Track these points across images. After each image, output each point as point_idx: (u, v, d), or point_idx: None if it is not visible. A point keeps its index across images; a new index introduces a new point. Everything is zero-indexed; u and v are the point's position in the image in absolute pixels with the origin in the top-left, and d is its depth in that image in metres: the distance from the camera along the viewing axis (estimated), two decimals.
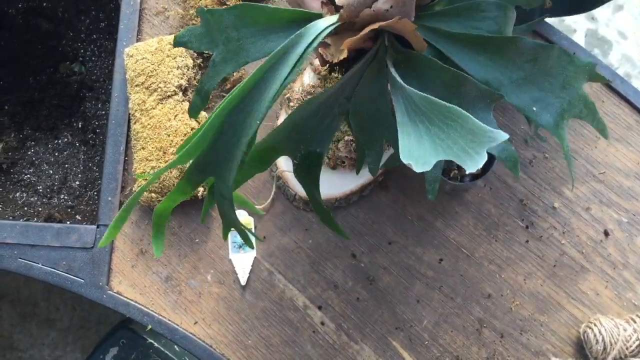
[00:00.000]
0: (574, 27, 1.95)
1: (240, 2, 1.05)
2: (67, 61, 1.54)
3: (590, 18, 1.97)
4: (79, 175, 1.46)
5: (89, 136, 1.51)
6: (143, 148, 1.08)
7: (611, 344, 0.99)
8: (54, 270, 1.11)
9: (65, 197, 1.43)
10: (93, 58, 1.55)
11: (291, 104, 1.11)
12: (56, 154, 1.49)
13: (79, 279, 1.11)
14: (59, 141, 1.51)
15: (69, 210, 1.37)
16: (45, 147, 1.50)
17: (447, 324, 1.07)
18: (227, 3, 1.13)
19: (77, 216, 1.34)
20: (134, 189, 1.09)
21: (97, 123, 1.52)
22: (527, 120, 0.80)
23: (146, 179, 1.06)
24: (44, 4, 1.53)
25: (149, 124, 1.08)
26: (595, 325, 1.01)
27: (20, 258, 1.12)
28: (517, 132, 1.13)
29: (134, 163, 1.10)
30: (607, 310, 1.06)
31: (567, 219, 1.09)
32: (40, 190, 1.44)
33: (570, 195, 1.09)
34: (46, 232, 1.12)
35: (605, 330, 1.00)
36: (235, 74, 1.15)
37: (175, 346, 1.38)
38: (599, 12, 1.97)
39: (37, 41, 1.53)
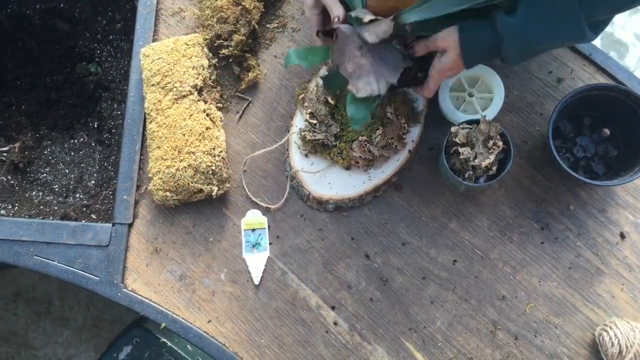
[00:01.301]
0: None
1: None
2: (83, 62, 1.56)
3: None
4: (95, 175, 1.47)
5: (105, 136, 1.52)
6: (158, 147, 1.09)
7: (627, 347, 0.98)
8: (69, 267, 1.12)
9: (81, 196, 1.44)
10: (109, 59, 1.57)
11: (305, 104, 1.11)
12: (72, 153, 1.50)
13: (94, 277, 1.11)
14: (75, 141, 1.52)
15: (84, 209, 1.38)
16: (62, 146, 1.51)
17: (461, 326, 1.06)
18: (242, 3, 1.13)
19: (92, 215, 1.35)
20: (149, 187, 1.10)
21: (112, 123, 1.53)
22: None
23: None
24: (62, 5, 1.54)
25: (164, 124, 1.09)
26: (610, 328, 1.00)
27: (36, 255, 1.13)
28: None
29: (149, 162, 1.10)
30: (623, 313, 1.05)
31: (583, 220, 1.08)
32: (56, 189, 1.45)
33: (586, 197, 1.08)
34: (62, 230, 1.13)
35: (621, 333, 0.99)
36: (250, 74, 1.16)
37: (188, 345, 1.39)
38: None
39: (55, 42, 1.55)
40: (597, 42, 1.92)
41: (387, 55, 0.97)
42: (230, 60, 1.18)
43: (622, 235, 1.07)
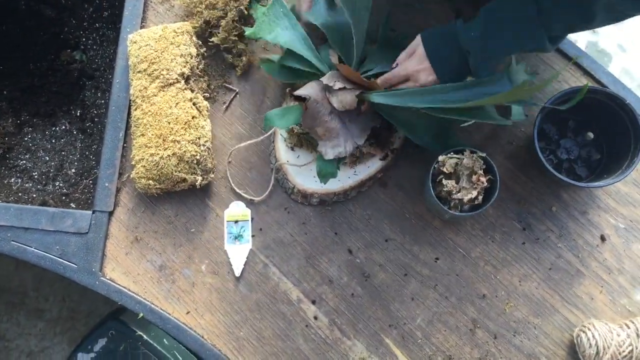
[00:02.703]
0: (575, 37, 1.96)
1: None
2: (68, 49, 1.53)
3: (591, 31, 1.99)
4: (75, 163, 1.45)
5: (87, 124, 1.50)
6: (143, 135, 1.07)
7: (604, 349, 0.98)
8: (47, 254, 1.10)
9: (61, 185, 1.42)
10: (95, 47, 1.55)
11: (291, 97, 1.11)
12: (53, 140, 1.48)
13: (72, 264, 1.10)
14: (57, 128, 1.50)
15: (64, 197, 1.36)
16: (43, 133, 1.49)
17: (441, 323, 1.06)
18: None
19: (71, 204, 1.33)
20: (131, 175, 1.09)
21: (95, 112, 1.51)
22: None
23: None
24: None
25: (149, 111, 1.08)
26: (588, 329, 1.01)
27: (13, 241, 1.11)
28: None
29: (132, 149, 1.09)
30: (601, 315, 1.06)
31: (564, 222, 1.09)
32: (36, 177, 1.43)
33: (568, 199, 1.09)
34: (41, 216, 1.11)
35: (599, 334, 1.00)
36: (243, 58, 1.15)
37: (165, 339, 1.37)
38: None
39: (40, 28, 1.53)
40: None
41: (355, 118, 1.03)
42: (221, 49, 1.16)
43: (603, 238, 1.08)
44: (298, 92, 1.00)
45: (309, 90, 1.00)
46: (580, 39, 1.97)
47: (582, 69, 1.13)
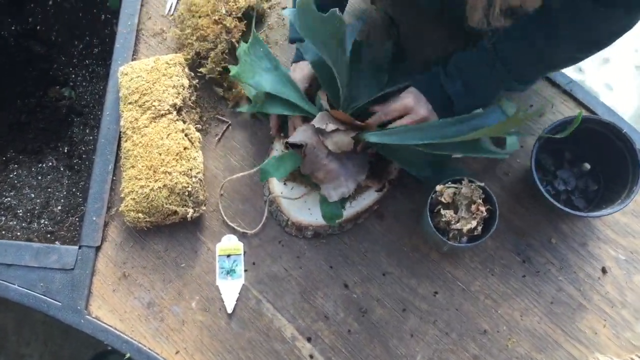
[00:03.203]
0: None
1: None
2: (57, 85, 1.52)
3: (577, 69, 2.01)
4: (62, 200, 1.42)
5: (75, 161, 1.47)
6: (133, 166, 1.05)
7: None
8: (30, 292, 1.05)
9: (46, 222, 1.38)
10: (84, 83, 1.54)
11: (282, 133, 1.10)
12: (39, 177, 1.45)
13: (56, 302, 1.05)
14: (44, 165, 1.47)
15: (49, 235, 1.32)
16: (29, 170, 1.46)
17: None
18: (223, 22, 1.12)
19: (56, 242, 1.29)
20: (120, 208, 1.05)
21: (83, 148, 1.49)
22: None
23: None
24: (38, 27, 1.52)
25: (140, 142, 1.05)
26: None
27: None
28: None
29: (122, 182, 1.06)
30: (605, 349, 1.02)
31: (564, 254, 1.06)
32: (20, 214, 1.39)
33: (567, 230, 1.07)
34: (25, 252, 1.07)
35: None
36: (233, 91, 1.14)
37: None
38: (586, 64, 2.01)
39: (29, 64, 1.52)
40: None
41: (352, 156, 1.03)
42: (211, 80, 1.15)
43: (604, 270, 1.06)
44: (292, 140, 0.99)
45: (302, 135, 0.99)
46: None
47: (576, 100, 1.13)
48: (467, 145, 0.96)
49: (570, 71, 1.98)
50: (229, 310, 1.05)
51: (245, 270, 1.07)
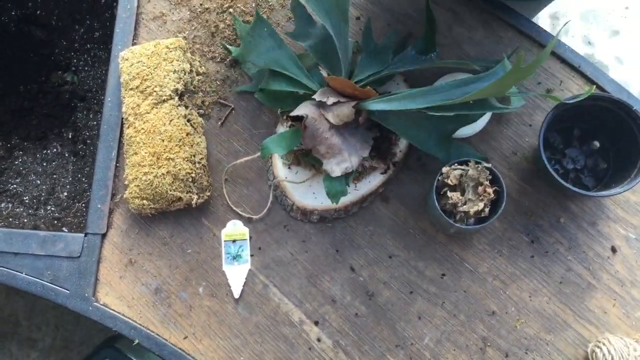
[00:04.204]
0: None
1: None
2: (59, 70, 1.51)
3: (587, 42, 1.98)
4: (67, 187, 1.42)
5: (79, 147, 1.46)
6: (136, 153, 1.04)
7: None
8: (38, 280, 1.06)
9: (52, 209, 1.38)
10: (86, 68, 1.52)
11: (285, 116, 1.08)
12: (44, 164, 1.44)
13: (64, 290, 1.05)
14: (48, 151, 1.46)
15: (55, 222, 1.32)
16: (34, 157, 1.45)
17: (450, 342, 1.02)
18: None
19: (63, 228, 1.29)
20: (125, 195, 1.05)
21: (87, 134, 1.48)
22: None
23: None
24: (38, 12, 1.50)
25: (142, 129, 1.04)
26: (603, 344, 0.97)
27: (2, 267, 1.06)
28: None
29: (125, 169, 1.05)
30: (615, 329, 1.02)
31: (573, 234, 1.05)
32: (27, 201, 1.39)
33: (576, 210, 1.06)
34: (31, 240, 1.07)
35: (615, 349, 0.95)
36: None
37: None
38: (595, 36, 1.97)
39: (30, 50, 1.50)
40: None
41: (354, 131, 1.00)
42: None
43: (614, 249, 1.04)
44: (294, 113, 0.97)
45: (304, 109, 0.97)
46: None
47: (585, 77, 1.10)
48: (473, 106, 0.93)
49: (579, 44, 1.96)
50: (236, 296, 1.05)
51: (252, 256, 1.06)
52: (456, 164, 0.98)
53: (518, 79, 0.84)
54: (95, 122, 1.48)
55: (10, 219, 1.32)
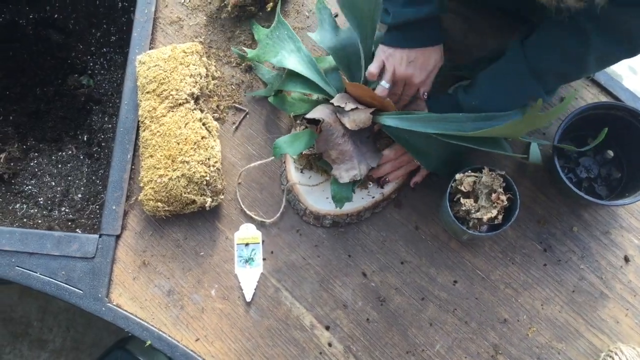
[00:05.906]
0: None
1: None
2: (75, 74, 1.52)
3: None
4: (82, 188, 1.43)
5: (94, 149, 1.48)
6: (151, 156, 1.05)
7: None
8: (52, 280, 1.07)
9: (67, 210, 1.39)
10: (102, 71, 1.54)
11: (298, 121, 1.09)
12: (59, 166, 1.46)
13: (77, 290, 1.06)
14: (63, 153, 1.48)
15: (69, 223, 1.33)
16: (49, 158, 1.47)
17: (461, 350, 1.02)
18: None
19: (77, 229, 1.30)
20: (139, 197, 1.06)
21: (102, 136, 1.49)
22: None
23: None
24: (56, 16, 1.52)
25: (158, 132, 1.05)
26: (615, 354, 0.97)
27: (18, 266, 1.07)
28: None
29: (141, 171, 1.06)
30: (628, 339, 1.01)
31: (586, 243, 1.05)
32: (41, 202, 1.40)
33: (589, 219, 1.06)
34: (46, 240, 1.08)
35: (627, 359, 0.95)
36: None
37: None
38: None
39: (47, 52, 1.52)
40: None
41: (366, 140, 1.02)
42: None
43: (627, 259, 1.04)
44: (310, 115, 0.97)
45: (320, 113, 0.98)
46: None
47: (599, 85, 1.11)
48: (485, 141, 0.95)
49: None
50: (248, 299, 1.05)
51: (264, 259, 1.07)
52: (470, 171, 0.98)
53: (533, 127, 0.86)
54: (110, 125, 1.49)
55: (25, 220, 1.34)
